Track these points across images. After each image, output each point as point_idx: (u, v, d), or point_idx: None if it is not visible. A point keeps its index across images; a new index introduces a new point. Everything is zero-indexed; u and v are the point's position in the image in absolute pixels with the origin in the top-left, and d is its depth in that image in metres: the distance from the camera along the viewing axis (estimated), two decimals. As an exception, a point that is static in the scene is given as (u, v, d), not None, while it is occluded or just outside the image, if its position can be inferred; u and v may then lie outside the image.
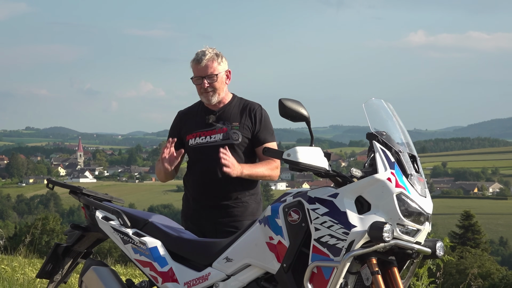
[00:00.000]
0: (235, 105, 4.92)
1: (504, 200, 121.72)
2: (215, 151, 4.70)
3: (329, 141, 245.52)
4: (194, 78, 4.86)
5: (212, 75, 4.82)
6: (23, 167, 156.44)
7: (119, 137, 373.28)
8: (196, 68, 4.84)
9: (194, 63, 4.86)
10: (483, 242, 41.59)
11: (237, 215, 4.76)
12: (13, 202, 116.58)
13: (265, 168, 4.81)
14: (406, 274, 4.09)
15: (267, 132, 4.88)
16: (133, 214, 4.64)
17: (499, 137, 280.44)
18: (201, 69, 4.82)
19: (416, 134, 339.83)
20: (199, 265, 4.33)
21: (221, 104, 4.91)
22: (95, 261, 4.74)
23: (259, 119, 4.88)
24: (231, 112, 4.89)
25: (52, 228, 37.11)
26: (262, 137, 4.86)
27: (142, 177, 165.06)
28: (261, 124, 4.87)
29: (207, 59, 4.81)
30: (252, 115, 4.87)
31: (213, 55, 4.83)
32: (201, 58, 4.82)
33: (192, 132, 4.89)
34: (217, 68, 4.83)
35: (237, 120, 4.86)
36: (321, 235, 3.83)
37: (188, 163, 4.99)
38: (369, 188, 3.84)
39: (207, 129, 4.86)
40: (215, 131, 4.84)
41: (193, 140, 4.87)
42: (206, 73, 4.82)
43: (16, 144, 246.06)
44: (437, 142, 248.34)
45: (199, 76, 4.83)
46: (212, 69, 4.82)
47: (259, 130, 4.86)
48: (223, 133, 4.82)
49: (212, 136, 4.84)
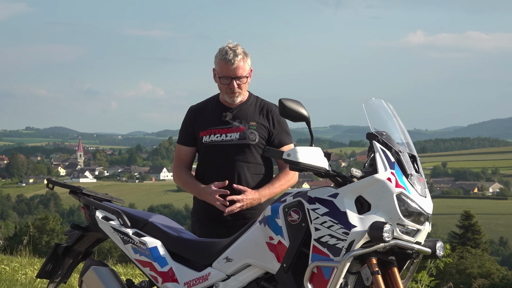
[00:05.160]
0: (252, 103, 4.81)
1: (504, 200, 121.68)
2: (230, 151, 4.66)
3: (329, 141, 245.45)
4: (222, 78, 4.71)
5: (242, 77, 4.70)
6: (23, 167, 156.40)
7: (119, 137, 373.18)
8: (225, 67, 4.68)
9: (223, 62, 4.68)
10: (483, 242, 41.58)
11: (249, 217, 4.66)
12: (13, 202, 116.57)
13: (283, 181, 4.74)
14: (406, 274, 4.09)
15: (284, 134, 4.78)
16: (133, 214, 4.64)
17: (499, 137, 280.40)
18: (232, 70, 4.67)
19: (416, 134, 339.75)
20: (199, 265, 4.33)
21: (239, 101, 4.79)
22: (95, 261, 4.74)
23: (277, 120, 4.77)
24: (248, 111, 4.77)
25: (52, 228, 37.13)
26: (279, 139, 4.75)
27: (142, 177, 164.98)
28: (279, 125, 4.78)
29: (239, 59, 4.67)
30: (270, 116, 4.77)
31: (243, 55, 4.70)
32: (233, 58, 4.65)
33: (206, 129, 4.76)
34: (246, 69, 4.72)
35: (254, 119, 4.75)
36: (321, 235, 3.83)
37: (199, 160, 4.87)
38: (369, 188, 3.83)
39: (223, 127, 4.73)
40: (232, 129, 4.72)
41: (207, 137, 4.75)
42: (236, 75, 4.68)
43: (16, 144, 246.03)
44: (437, 142, 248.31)
45: (228, 76, 4.69)
46: (243, 71, 4.70)
47: (277, 133, 4.77)
48: (240, 132, 4.71)
49: (228, 134, 4.71)
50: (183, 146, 4.89)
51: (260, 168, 4.76)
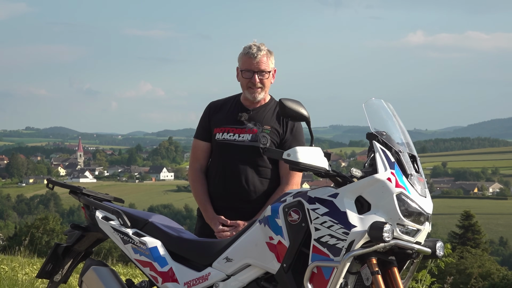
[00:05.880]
0: (271, 108, 4.81)
1: (504, 200, 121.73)
2: (241, 151, 4.67)
3: (329, 141, 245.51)
4: (244, 72, 4.73)
5: (264, 72, 4.73)
6: (23, 167, 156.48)
7: (119, 137, 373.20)
8: (248, 61, 4.72)
9: (246, 57, 4.73)
10: (483, 242, 41.59)
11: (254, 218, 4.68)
12: (13, 202, 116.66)
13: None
14: (406, 274, 4.09)
15: (296, 143, 4.72)
16: (133, 214, 4.64)
17: (499, 137, 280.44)
18: (255, 64, 4.70)
19: (416, 134, 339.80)
20: (199, 265, 4.33)
21: (257, 103, 4.80)
22: (95, 261, 4.74)
23: (291, 128, 4.76)
24: (265, 115, 4.77)
25: (52, 228, 37.10)
26: (289, 147, 4.62)
27: (142, 177, 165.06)
28: (291, 134, 4.75)
29: (262, 54, 4.72)
30: (285, 122, 4.76)
31: (267, 52, 4.75)
32: (256, 52, 4.71)
33: (221, 126, 4.77)
34: (269, 66, 4.76)
35: (270, 123, 4.74)
36: (321, 235, 3.83)
37: (212, 157, 4.86)
38: (369, 188, 3.83)
39: (237, 127, 4.74)
40: (245, 130, 4.73)
41: (220, 134, 4.76)
42: (259, 68, 4.72)
43: (16, 144, 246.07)
44: (437, 142, 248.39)
45: (250, 70, 4.72)
46: (266, 65, 4.73)
47: (289, 140, 4.74)
48: (253, 134, 4.71)
49: (241, 135, 4.72)
50: (199, 140, 4.89)
51: (268, 172, 4.74)
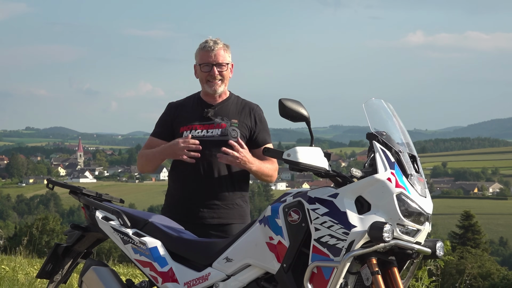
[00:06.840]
0: (233, 102, 4.86)
1: (504, 200, 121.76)
2: (211, 147, 4.66)
3: (329, 141, 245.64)
4: (202, 65, 4.78)
5: (222, 64, 4.77)
6: (23, 167, 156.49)
7: (119, 137, 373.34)
8: (206, 55, 4.77)
9: (203, 51, 4.78)
10: (483, 242, 41.60)
11: (225, 217, 4.70)
12: (13, 202, 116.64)
13: (270, 166, 4.76)
14: (406, 274, 4.09)
15: (266, 133, 4.84)
16: (133, 214, 4.64)
17: (499, 137, 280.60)
18: (212, 57, 4.75)
19: (416, 134, 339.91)
20: (199, 265, 4.32)
21: (219, 98, 4.84)
22: (95, 261, 4.73)
23: (259, 119, 4.83)
24: (230, 109, 4.81)
25: (52, 228, 37.13)
26: (262, 138, 4.81)
27: (142, 177, 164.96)
28: (261, 124, 4.83)
29: (219, 47, 4.77)
30: (252, 115, 4.82)
31: (224, 45, 4.81)
32: (213, 46, 4.76)
33: (187, 124, 4.77)
34: (227, 59, 4.80)
35: (236, 117, 4.78)
36: (321, 235, 3.82)
37: None
38: (369, 188, 3.83)
39: (205, 123, 4.76)
40: (213, 125, 4.75)
41: (188, 132, 4.74)
42: (217, 61, 4.76)
43: (16, 144, 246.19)
44: (437, 142, 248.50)
45: (208, 63, 4.76)
46: (223, 58, 4.78)
47: (259, 131, 4.81)
48: (222, 129, 4.73)
49: (209, 130, 4.73)
50: (155, 138, 4.85)
51: None
